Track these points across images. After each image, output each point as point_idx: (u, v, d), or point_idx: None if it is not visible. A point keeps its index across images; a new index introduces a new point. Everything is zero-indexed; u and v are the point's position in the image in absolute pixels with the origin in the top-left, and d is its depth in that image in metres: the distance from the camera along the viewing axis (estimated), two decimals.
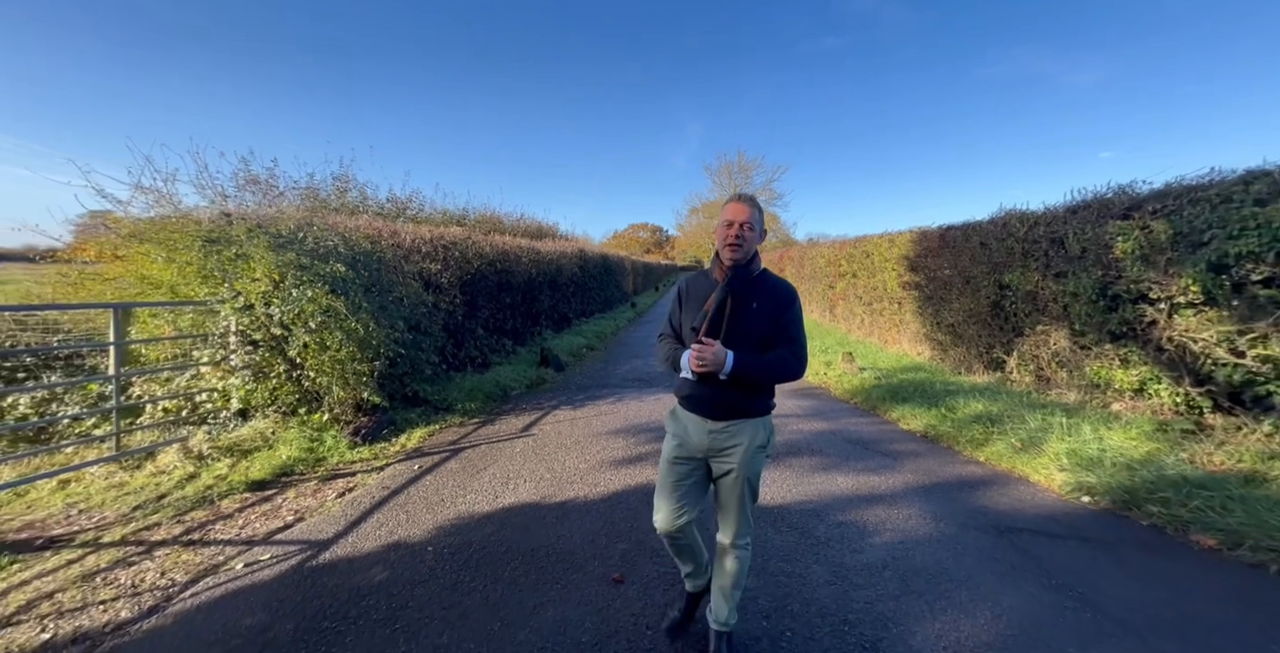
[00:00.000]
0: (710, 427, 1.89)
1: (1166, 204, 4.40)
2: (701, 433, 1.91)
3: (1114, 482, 3.57)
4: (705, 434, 1.90)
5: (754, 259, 1.93)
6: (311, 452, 4.28)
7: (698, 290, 1.97)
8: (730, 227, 1.85)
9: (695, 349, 1.77)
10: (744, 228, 1.85)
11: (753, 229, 1.86)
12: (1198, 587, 2.56)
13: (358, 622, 2.27)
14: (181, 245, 4.40)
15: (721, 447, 1.89)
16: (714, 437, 1.89)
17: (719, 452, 1.90)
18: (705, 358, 1.75)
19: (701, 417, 1.90)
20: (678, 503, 1.95)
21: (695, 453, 1.94)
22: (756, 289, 1.90)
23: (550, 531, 3.08)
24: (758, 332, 1.87)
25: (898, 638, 2.18)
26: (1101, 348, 5.08)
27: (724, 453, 1.90)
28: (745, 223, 1.84)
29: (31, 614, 2.30)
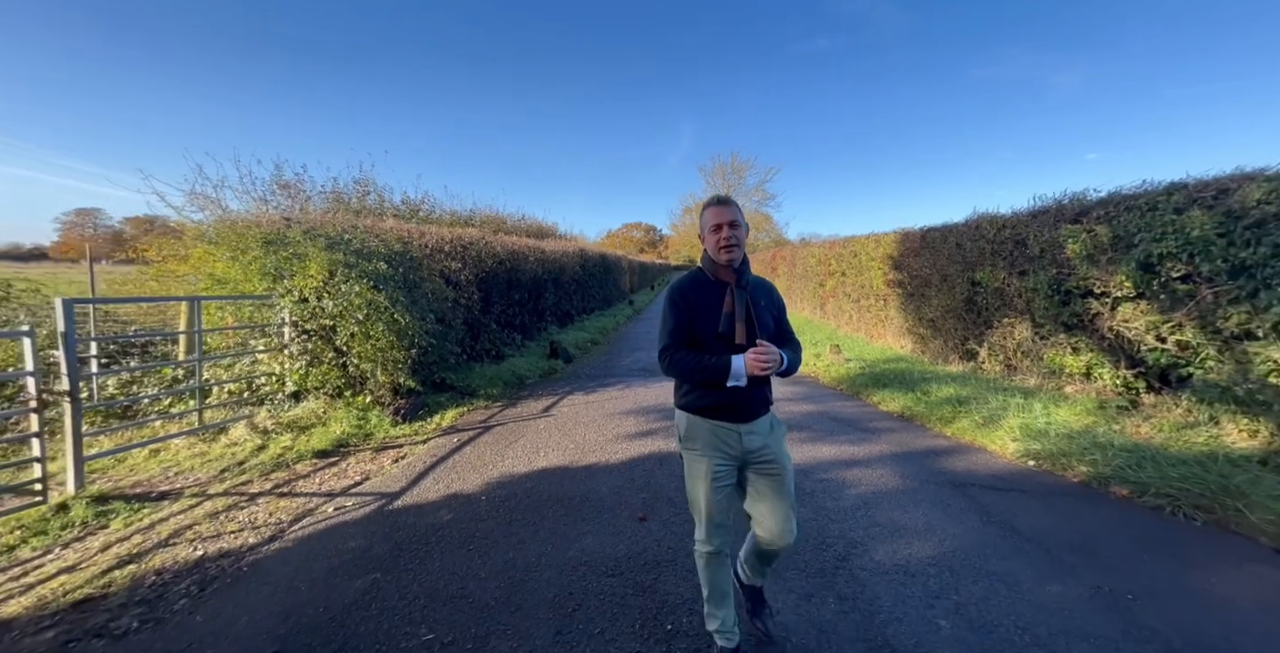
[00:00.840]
0: (743, 429, 1.87)
1: (1108, 210, 5.05)
2: (736, 440, 1.87)
3: (1054, 448, 4.22)
4: (740, 439, 1.87)
5: (746, 257, 1.95)
6: (360, 428, 4.87)
7: (703, 295, 1.90)
8: (720, 230, 1.85)
9: (755, 354, 1.74)
10: (732, 227, 1.85)
11: (738, 227, 1.87)
12: (1103, 522, 3.20)
13: (438, 545, 2.88)
14: (244, 246, 4.97)
15: (754, 447, 1.88)
16: (747, 439, 1.87)
17: (752, 452, 1.88)
18: (772, 359, 1.74)
19: (734, 422, 1.87)
20: (724, 521, 1.91)
21: (733, 462, 1.90)
22: (759, 288, 1.96)
23: (580, 485, 3.69)
24: (770, 328, 1.92)
25: (863, 554, 2.80)
26: (1056, 338, 5.74)
27: (757, 452, 1.88)
28: (731, 222, 1.85)
29: (181, 539, 2.90)
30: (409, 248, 6.11)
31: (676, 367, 1.85)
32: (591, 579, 2.55)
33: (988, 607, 2.35)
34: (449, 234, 7.50)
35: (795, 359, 1.89)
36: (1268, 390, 3.71)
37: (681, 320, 1.88)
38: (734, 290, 1.86)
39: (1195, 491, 3.37)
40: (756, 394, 1.87)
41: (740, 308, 1.84)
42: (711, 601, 1.94)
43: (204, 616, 2.31)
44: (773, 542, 1.90)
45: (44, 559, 2.73)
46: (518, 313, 9.86)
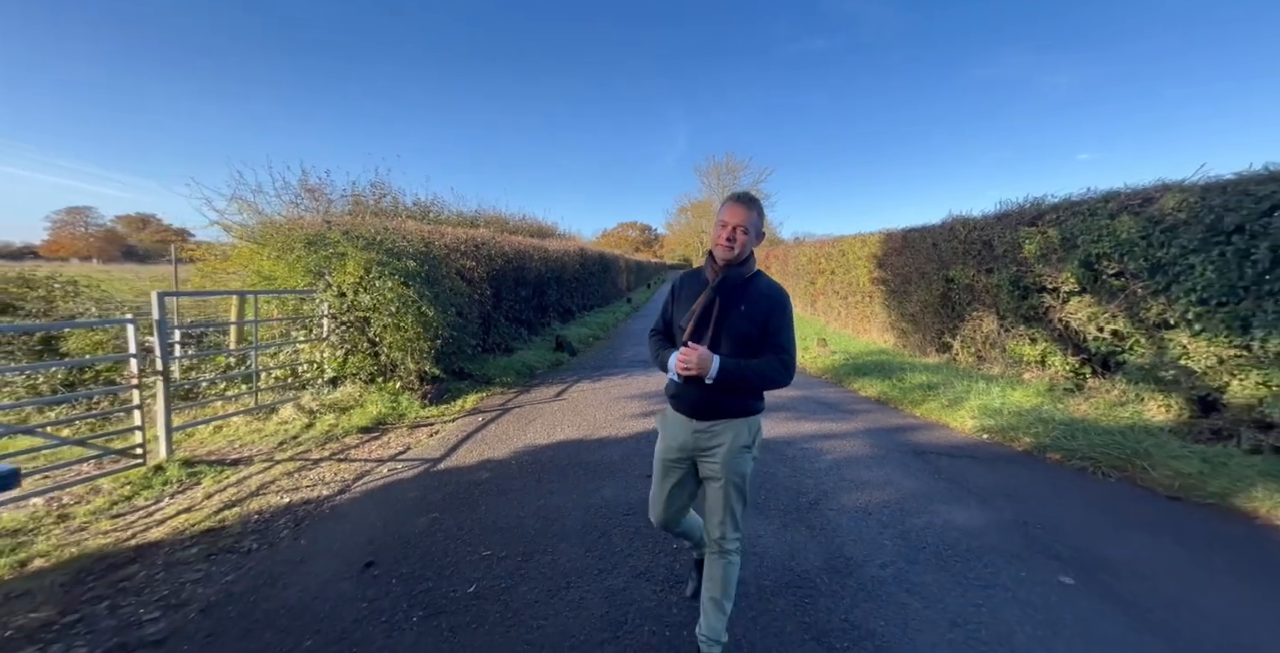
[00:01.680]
0: (695, 426, 1.89)
1: (1058, 215, 5.69)
2: (686, 432, 1.91)
3: (1005, 423, 4.86)
4: (690, 433, 1.91)
5: (748, 261, 1.90)
6: (394, 409, 5.45)
7: (690, 289, 1.96)
8: (724, 228, 1.83)
9: (681, 352, 1.79)
10: (737, 231, 1.82)
11: (747, 233, 1.83)
12: (1034, 478, 3.84)
13: (481, 495, 3.48)
14: (289, 246, 5.54)
15: (705, 446, 1.89)
16: (698, 436, 1.89)
17: (703, 451, 1.90)
18: (690, 361, 1.77)
19: (686, 416, 1.91)
20: (668, 501, 2.04)
21: (682, 452, 1.95)
22: (746, 291, 1.88)
23: (594, 453, 4.30)
24: (746, 334, 1.84)
25: (831, 499, 3.42)
26: (1017, 329, 6.39)
27: (708, 452, 1.90)
28: (739, 226, 1.82)
29: (268, 490, 3.49)
30: (431, 248, 6.69)
31: (649, 349, 2.09)
32: (612, 517, 3.16)
33: (924, 533, 2.98)
34: (463, 235, 8.09)
35: (758, 371, 1.80)
36: (1178, 371, 4.36)
37: (666, 309, 2.07)
38: (709, 291, 1.87)
39: (1114, 454, 4.01)
40: (704, 393, 1.85)
41: (702, 306, 1.85)
42: (691, 545, 2.38)
43: (306, 540, 2.91)
44: (709, 535, 1.94)
45: (158, 506, 3.32)
46: (524, 309, 10.44)
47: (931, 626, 2.20)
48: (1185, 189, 4.41)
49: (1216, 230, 3.99)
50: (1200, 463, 3.68)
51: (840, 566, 2.65)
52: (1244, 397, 3.89)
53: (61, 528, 2.98)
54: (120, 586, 2.46)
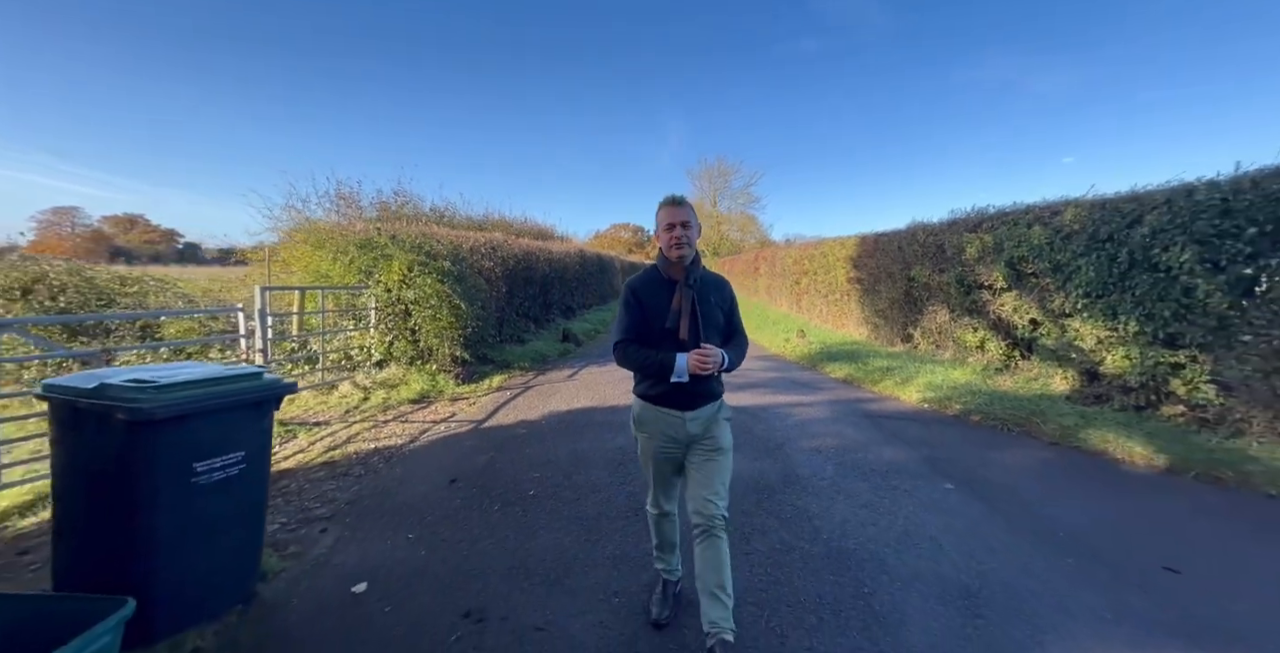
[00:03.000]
0: (688, 416, 2.00)
1: (991, 223, 6.78)
2: (680, 425, 2.01)
3: (942, 395, 5.93)
4: (684, 424, 2.00)
5: (698, 256, 2.04)
6: (434, 386, 6.44)
7: (654, 292, 2.02)
8: (671, 229, 1.94)
9: (698, 355, 1.87)
10: (684, 227, 1.94)
11: (690, 227, 1.96)
12: (954, 433, 4.90)
13: (524, 443, 4.49)
14: (343, 248, 6.52)
15: (697, 432, 2.02)
16: (691, 425, 2.01)
17: (698, 437, 2.03)
18: (712, 360, 1.86)
19: (678, 409, 2.00)
20: (669, 490, 2.20)
21: (677, 444, 2.05)
22: (707, 284, 2.05)
23: (607, 417, 5.32)
24: (718, 323, 2.04)
25: (793, 444, 4.46)
26: (963, 320, 7.48)
27: (704, 434, 2.04)
28: (684, 222, 1.95)
29: (355, 441, 4.49)
30: (459, 250, 7.68)
31: (628, 360, 2.01)
32: (627, 454, 4.18)
33: (859, 461, 4.03)
34: (483, 238, 9.09)
35: (737, 356, 2.03)
36: (1073, 350, 5.45)
37: (634, 316, 2.02)
38: (683, 288, 1.96)
39: (1019, 415, 5.09)
40: (703, 387, 2.00)
41: (687, 304, 1.95)
42: (659, 549, 2.31)
43: (400, 469, 3.92)
44: (703, 508, 1.94)
45: (278, 450, 4.30)
46: (531, 305, 11.44)
47: (849, 507, 3.25)
48: (1079, 204, 5.50)
49: (1096, 238, 5.09)
50: (1077, 418, 4.76)
51: (793, 479, 3.69)
52: (1114, 368, 4.99)
53: None
54: (284, 491, 3.46)
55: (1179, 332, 4.45)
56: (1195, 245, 4.24)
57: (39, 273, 6.35)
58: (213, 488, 2.16)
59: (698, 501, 1.98)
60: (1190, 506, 3.30)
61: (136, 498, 1.96)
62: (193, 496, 2.10)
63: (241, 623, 2.21)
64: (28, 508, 3.16)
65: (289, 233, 6.90)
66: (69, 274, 6.46)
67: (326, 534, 2.98)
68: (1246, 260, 4.01)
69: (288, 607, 2.34)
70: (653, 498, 2.24)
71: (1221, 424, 4.20)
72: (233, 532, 2.27)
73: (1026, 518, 3.14)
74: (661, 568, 2.34)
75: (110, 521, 1.99)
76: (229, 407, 2.19)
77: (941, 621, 2.20)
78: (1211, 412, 4.30)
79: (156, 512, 1.99)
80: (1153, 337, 4.63)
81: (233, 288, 7.87)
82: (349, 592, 2.44)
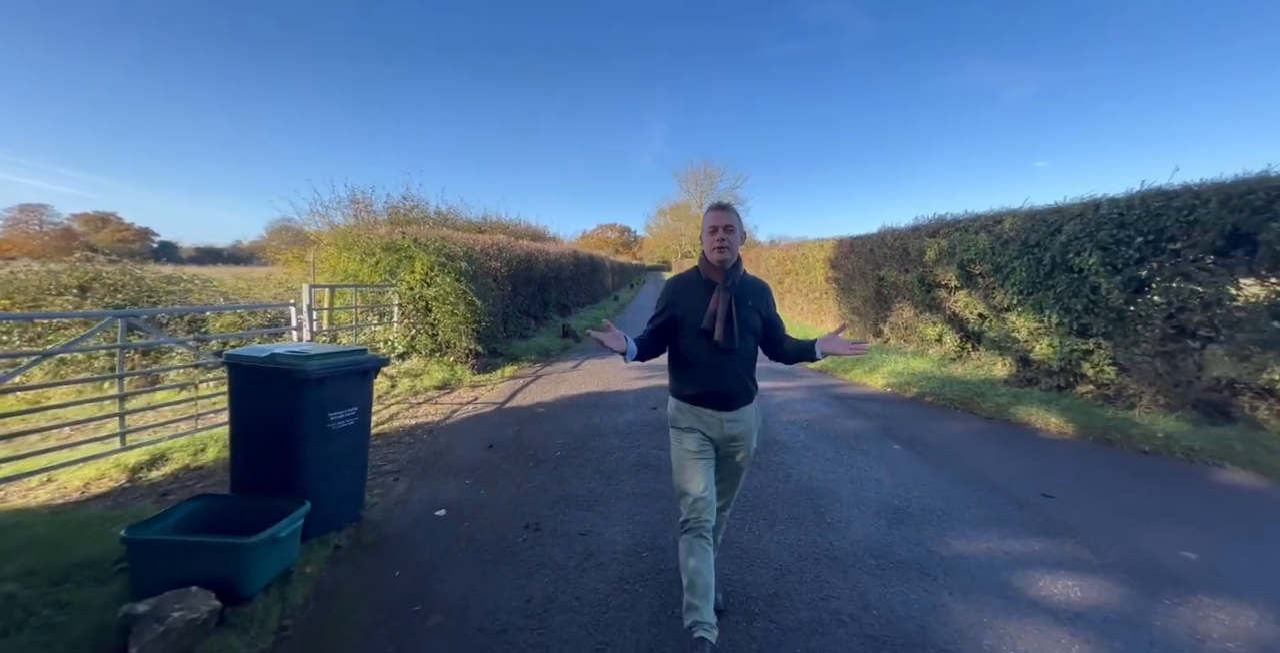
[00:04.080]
0: (725, 417, 2.03)
1: (948, 230, 7.70)
2: (717, 425, 2.03)
3: (903, 380, 6.82)
4: (721, 424, 2.03)
5: (739, 260, 2.09)
6: (453, 375, 7.17)
7: (691, 293, 2.07)
8: (715, 232, 2.00)
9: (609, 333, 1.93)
10: (726, 231, 1.99)
11: (733, 231, 2.01)
12: (909, 410, 5.78)
13: (543, 419, 5.26)
14: (370, 250, 7.21)
15: (734, 434, 2.04)
16: (728, 425, 2.03)
17: (732, 438, 2.05)
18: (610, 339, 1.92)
19: (715, 410, 2.03)
20: (705, 485, 2.00)
21: (711, 443, 2.06)
22: (747, 288, 2.08)
23: (614, 398, 6.10)
24: (754, 327, 2.07)
25: (773, 418, 5.28)
26: (924, 316, 8.40)
27: (735, 439, 2.06)
28: (726, 226, 2.00)
29: (397, 418, 5.22)
30: (472, 252, 8.41)
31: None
32: (634, 426, 4.97)
33: (826, 429, 4.88)
34: (489, 240, 9.81)
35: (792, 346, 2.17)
36: (1011, 340, 6.38)
37: (659, 311, 2.12)
38: (720, 290, 2.00)
39: (964, 396, 5.98)
40: (738, 386, 2.04)
41: (723, 307, 1.98)
42: (691, 590, 1.86)
43: (443, 439, 4.66)
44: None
45: None
46: (531, 304, 12.18)
47: (815, 461, 4.09)
48: (1016, 215, 6.43)
49: (1027, 244, 6.01)
50: (1010, 397, 5.67)
51: (772, 443, 4.52)
52: (1041, 355, 5.91)
53: None
54: None
55: (1089, 323, 5.37)
56: (1100, 251, 5.17)
57: (96, 273, 6.94)
58: (338, 433, 2.91)
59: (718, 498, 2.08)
60: (1080, 459, 4.20)
61: (297, 433, 2.71)
62: (329, 436, 2.85)
63: (359, 532, 2.96)
64: (150, 465, 3.86)
65: (317, 236, 7.56)
66: (120, 274, 7.06)
67: (399, 482, 3.73)
68: (1136, 264, 4.94)
69: (389, 524, 3.09)
70: (688, 506, 1.96)
71: (1119, 398, 5.13)
72: (349, 467, 3.02)
73: (951, 467, 4.00)
74: (693, 622, 1.79)
75: (279, 449, 2.73)
76: (348, 372, 2.94)
77: (875, 525, 3.04)
78: (1112, 389, 5.23)
79: (309, 444, 2.74)
80: (1069, 327, 5.55)
81: (257, 286, 8.48)
82: (433, 515, 3.20)
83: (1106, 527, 3.01)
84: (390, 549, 2.83)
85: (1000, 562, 2.66)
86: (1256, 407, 4.34)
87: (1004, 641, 2.09)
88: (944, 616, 2.24)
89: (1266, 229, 4.10)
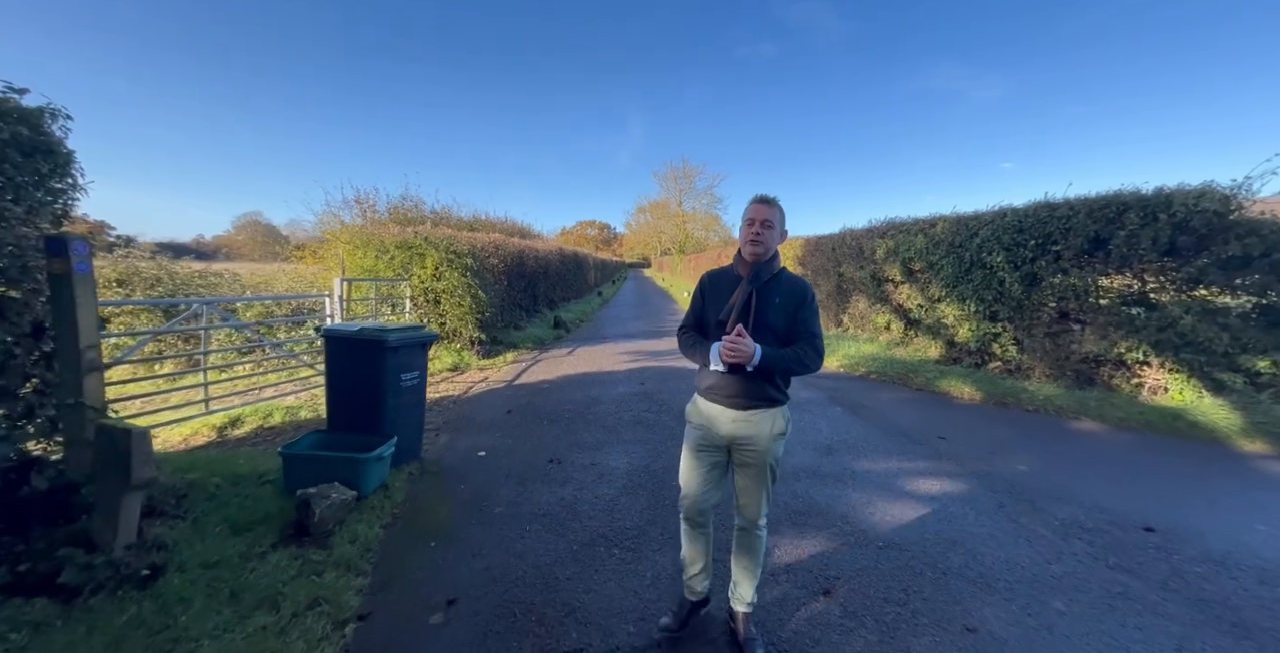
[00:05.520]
0: (733, 416, 1.95)
1: (894, 231, 8.86)
2: (724, 422, 1.97)
3: (853, 361, 7.96)
4: (728, 423, 1.96)
5: (775, 257, 2.02)
6: (461, 359, 8.05)
7: (722, 286, 2.04)
8: (751, 225, 1.96)
9: (728, 341, 1.84)
10: (763, 226, 1.95)
11: (771, 227, 1.96)
12: (855, 384, 6.90)
13: (550, 391, 6.22)
14: (385, 248, 8.04)
15: (744, 434, 1.96)
16: (736, 425, 1.96)
17: (742, 439, 1.97)
18: (737, 349, 1.82)
19: (724, 407, 1.97)
20: (704, 486, 2.04)
21: (718, 442, 2.01)
22: (778, 286, 1.99)
23: (605, 377, 7.09)
24: (778, 326, 1.95)
25: None
26: (875, 307, 9.58)
27: (747, 440, 1.96)
28: (765, 221, 1.95)
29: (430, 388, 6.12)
30: (475, 249, 9.28)
31: (682, 345, 2.11)
32: (627, 396, 5.97)
33: None
34: (488, 239, 10.66)
35: (793, 358, 1.89)
36: (941, 326, 7.56)
37: (695, 305, 2.11)
38: (745, 285, 1.97)
39: (901, 373, 7.13)
40: (743, 384, 1.93)
41: (741, 301, 1.94)
42: (687, 559, 2.16)
43: (467, 407, 5.59)
44: (744, 515, 2.06)
45: None
46: (523, 298, 13.05)
47: None
48: (946, 220, 7.59)
49: (953, 245, 7.18)
50: (937, 373, 6.83)
51: None
52: (963, 338, 7.09)
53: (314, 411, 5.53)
54: None
55: (997, 310, 6.56)
56: (1004, 252, 6.34)
57: (133, 268, 7.60)
58: (407, 389, 3.84)
59: (743, 506, 2.06)
60: (978, 416, 5.34)
61: (381, 387, 3.63)
62: (401, 391, 3.77)
63: (423, 465, 3.91)
64: (230, 425, 4.71)
65: (334, 235, 8.34)
66: (156, 269, 7.73)
67: (440, 436, 4.66)
68: (1031, 262, 6.11)
69: (443, 461, 4.04)
70: (685, 500, 2.10)
71: (1019, 372, 6.32)
72: (414, 417, 3.96)
73: (878, 422, 5.10)
74: (686, 582, 2.17)
75: (366, 400, 3.65)
76: (413, 343, 3.86)
77: (811, 456, 4.10)
78: (1014, 364, 6.43)
79: (388, 396, 3.67)
80: (983, 315, 6.73)
81: (273, 280, 9.19)
82: (476, 455, 4.16)
83: (975, 454, 4.13)
84: (451, 475, 3.78)
85: (892, 473, 3.75)
86: (1112, 375, 5.55)
87: (880, 509, 3.16)
88: (846, 500, 3.30)
89: (1116, 236, 5.29)
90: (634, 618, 2.22)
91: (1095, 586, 2.39)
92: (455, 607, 2.29)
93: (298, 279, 9.13)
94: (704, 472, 2.04)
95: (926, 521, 3.05)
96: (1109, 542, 2.77)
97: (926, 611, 2.24)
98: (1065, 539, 2.80)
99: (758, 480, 2.00)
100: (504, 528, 2.98)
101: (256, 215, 65.99)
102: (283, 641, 1.95)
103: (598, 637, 2.11)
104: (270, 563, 2.42)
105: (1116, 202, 5.34)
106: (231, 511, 2.81)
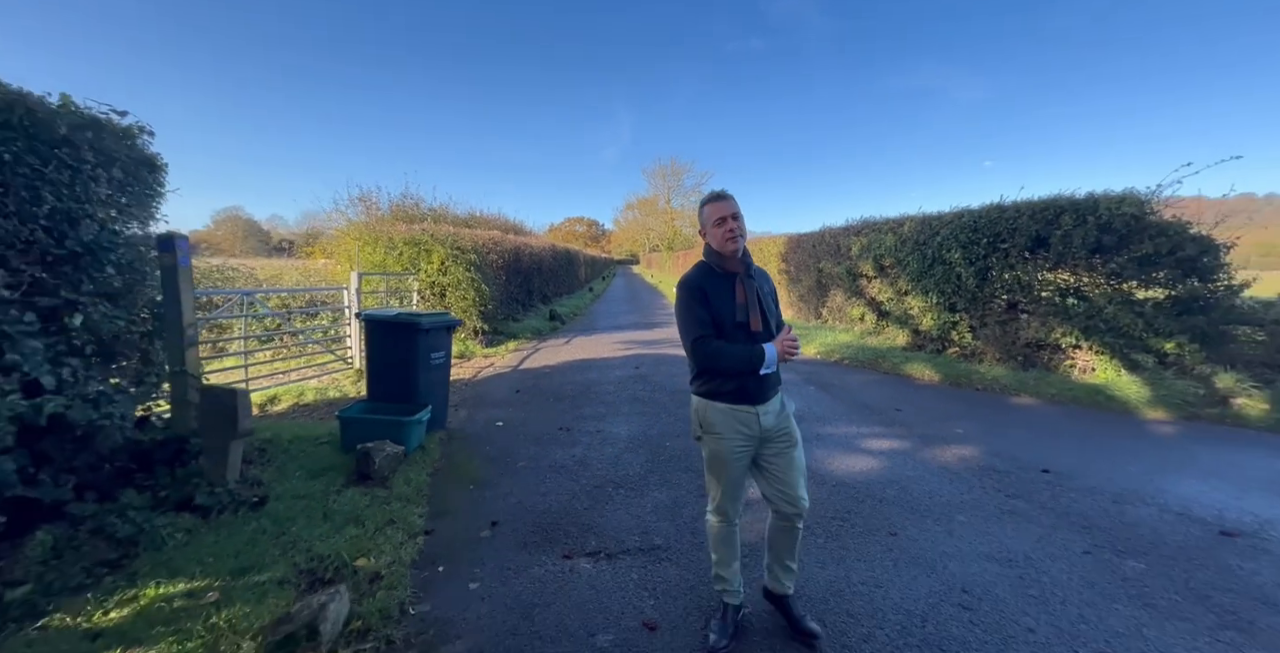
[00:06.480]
0: (764, 409, 1.97)
1: (868, 230, 9.58)
2: (754, 421, 1.97)
3: (829, 349, 8.67)
4: (759, 419, 1.97)
5: (746, 248, 2.04)
6: (466, 348, 8.63)
7: (717, 286, 2.00)
8: (724, 222, 1.97)
9: (787, 341, 1.93)
10: (735, 219, 1.98)
11: (739, 218, 2.01)
12: (830, 369, 7.61)
13: (553, 375, 6.83)
14: (394, 245, 8.57)
15: (771, 425, 1.99)
16: (764, 418, 1.97)
17: (771, 430, 1.99)
18: (798, 345, 1.93)
19: (752, 404, 1.96)
20: (739, 494, 2.07)
21: (752, 441, 1.99)
22: (759, 276, 2.09)
23: (603, 363, 7.71)
24: (773, 313, 2.07)
25: None
26: (851, 300, 10.31)
27: (782, 427, 2.01)
28: (735, 214, 1.99)
29: None
30: (477, 246, 9.83)
31: (720, 355, 1.92)
32: (624, 378, 6.60)
33: None
34: (488, 236, 11.21)
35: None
36: (908, 317, 8.29)
37: (701, 312, 1.98)
38: (744, 280, 1.99)
39: (871, 359, 7.84)
40: (773, 376, 1.98)
41: (752, 296, 1.98)
42: (720, 565, 2.12)
43: (479, 388, 6.19)
44: (789, 507, 2.01)
45: None
46: (519, 292, 13.62)
47: None
48: (913, 219, 8.31)
49: (918, 242, 7.90)
50: (903, 359, 7.56)
51: None
52: (926, 327, 7.83)
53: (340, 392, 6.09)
54: None
55: (955, 302, 7.29)
56: (961, 249, 7.07)
57: None
58: (435, 367, 4.44)
59: (782, 496, 2.01)
60: (934, 394, 6.07)
61: (415, 366, 4.22)
62: (430, 369, 4.37)
63: (450, 433, 4.51)
64: (269, 403, 5.27)
65: (342, 231, 8.84)
66: None
67: (459, 411, 5.26)
68: (983, 258, 6.85)
69: (467, 430, 4.65)
70: (717, 507, 2.10)
71: (974, 357, 7.07)
72: (441, 391, 4.56)
73: (846, 398, 5.80)
74: (722, 590, 2.14)
75: (401, 375, 4.24)
76: (440, 327, 4.46)
77: None
78: (969, 349, 7.17)
79: (421, 372, 4.26)
80: (944, 306, 7.46)
81: (284, 273, 9.68)
82: (494, 425, 4.77)
83: (923, 422, 4.84)
84: (476, 439, 4.40)
85: (851, 436, 4.44)
86: (1050, 358, 6.31)
87: (836, 461, 3.85)
88: (809, 455, 3.97)
89: (1054, 235, 6.03)
90: (638, 533, 2.86)
91: (991, 506, 3.08)
92: (498, 527, 2.92)
93: (307, 273, 9.62)
94: (740, 475, 2.04)
95: (872, 468, 3.74)
96: (1012, 480, 3.47)
97: (862, 524, 2.92)
98: (979, 478, 3.50)
99: (794, 460, 2.02)
100: (528, 477, 3.61)
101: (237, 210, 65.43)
102: (374, 542, 2.56)
103: (612, 543, 2.75)
104: (346, 497, 3.03)
105: (1054, 205, 6.08)
106: (304, 461, 3.41)
